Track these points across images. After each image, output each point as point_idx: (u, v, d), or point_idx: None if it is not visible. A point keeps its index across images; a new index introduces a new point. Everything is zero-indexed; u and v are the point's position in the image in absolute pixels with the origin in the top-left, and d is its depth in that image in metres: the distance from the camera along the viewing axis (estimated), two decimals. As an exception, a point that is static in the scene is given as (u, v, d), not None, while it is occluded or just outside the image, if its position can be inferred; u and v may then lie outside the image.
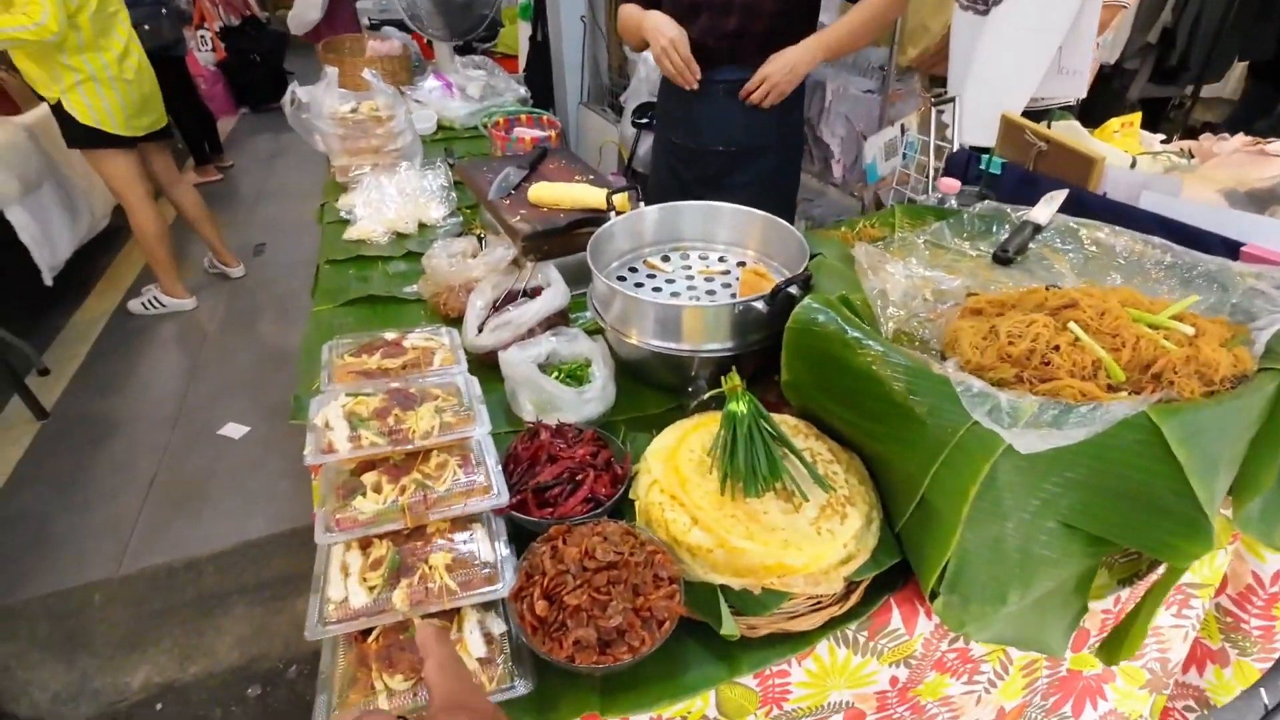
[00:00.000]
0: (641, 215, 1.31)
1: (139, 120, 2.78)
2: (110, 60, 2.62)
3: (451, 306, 1.37)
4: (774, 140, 1.67)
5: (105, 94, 2.62)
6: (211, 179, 4.87)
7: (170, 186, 3.16)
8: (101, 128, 2.64)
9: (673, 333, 1.07)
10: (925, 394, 0.77)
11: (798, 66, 1.56)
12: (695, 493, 0.84)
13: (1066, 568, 0.80)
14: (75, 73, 2.55)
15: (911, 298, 1.01)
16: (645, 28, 1.59)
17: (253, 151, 5.35)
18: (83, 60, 2.54)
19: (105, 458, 2.43)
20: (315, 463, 0.78)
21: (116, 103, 2.65)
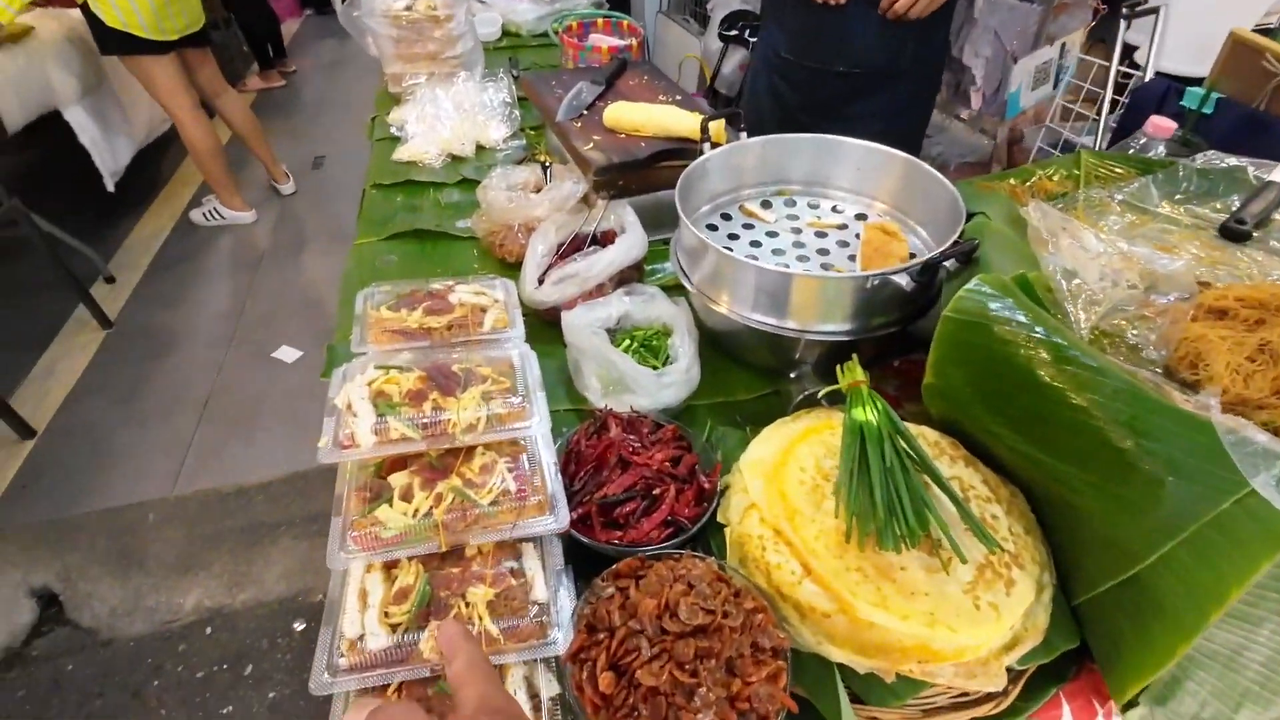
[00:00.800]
0: (742, 149, 1.06)
1: (170, 22, 2.54)
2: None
3: (509, 249, 1.17)
4: (910, 63, 1.35)
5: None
6: (274, 85, 4.72)
7: (216, 97, 2.99)
8: (130, 31, 2.43)
9: (777, 306, 0.85)
10: (1162, 438, 0.54)
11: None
12: (807, 530, 0.65)
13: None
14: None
15: (1113, 281, 0.75)
16: None
17: (316, 57, 5.15)
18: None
19: (164, 373, 2.42)
20: (330, 460, 0.62)
21: (145, 2, 2.44)
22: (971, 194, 0.93)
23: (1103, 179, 0.93)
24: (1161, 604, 0.54)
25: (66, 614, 1.77)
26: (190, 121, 2.76)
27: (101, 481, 2.03)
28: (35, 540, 1.88)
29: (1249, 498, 0.49)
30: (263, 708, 1.57)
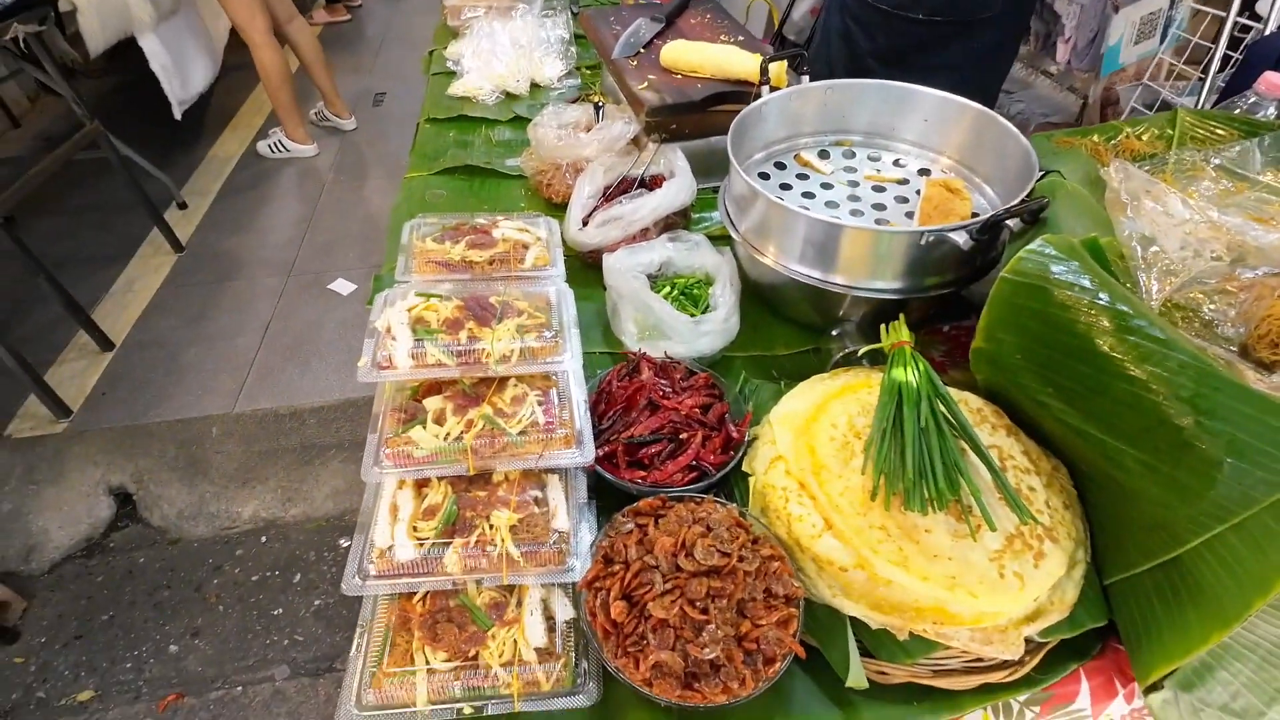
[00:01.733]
0: (803, 94, 1.01)
1: None
2: None
3: (556, 189, 1.16)
4: (999, 8, 1.25)
5: None
6: (340, 19, 4.74)
7: (287, 23, 3.02)
8: None
9: (826, 259, 0.82)
10: (1226, 418, 0.51)
11: None
12: (833, 485, 0.64)
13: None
14: None
15: (1193, 252, 0.69)
16: None
17: (383, -7, 5.13)
18: None
19: (230, 296, 2.54)
20: (369, 379, 0.64)
21: None
22: (1049, 150, 0.87)
23: (1200, 141, 0.85)
24: (1202, 589, 0.52)
25: (139, 513, 1.92)
26: (265, 45, 2.82)
27: (171, 393, 2.17)
28: (113, 444, 2.04)
29: (1317, 487, 0.46)
30: (309, 612, 1.69)
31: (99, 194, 2.94)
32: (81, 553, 1.82)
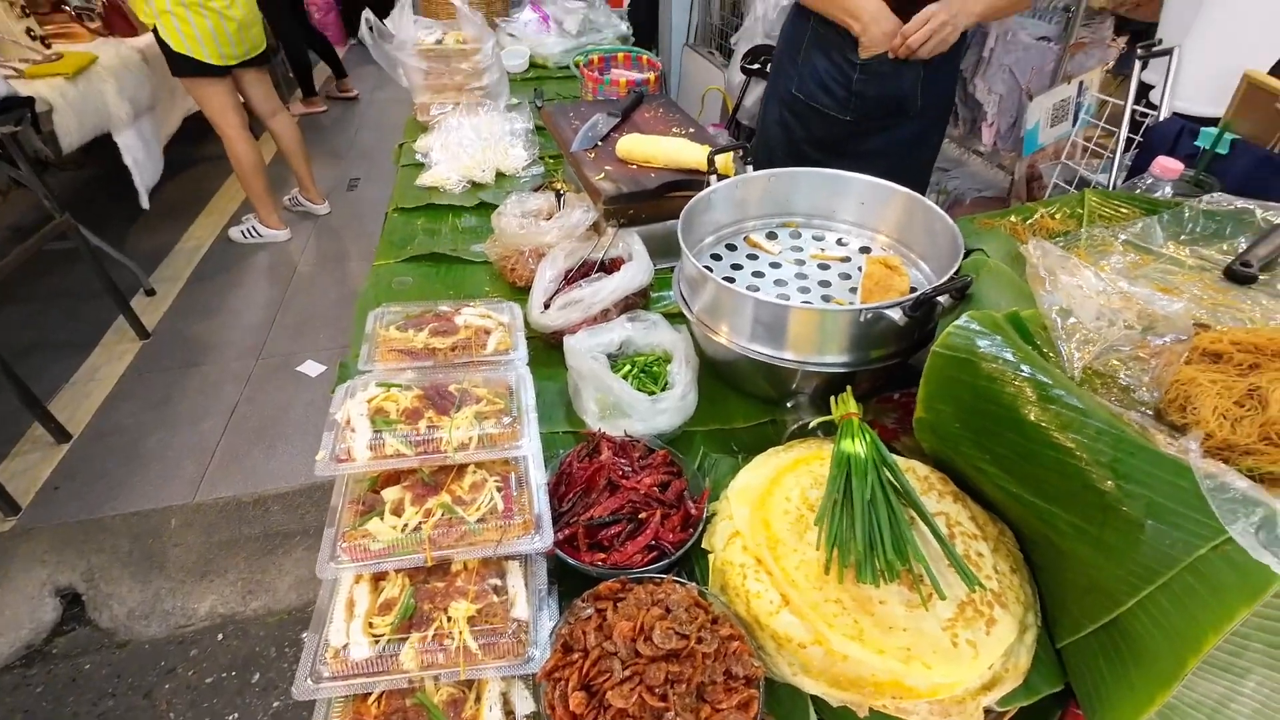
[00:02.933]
0: (747, 182, 1.09)
1: (231, 49, 2.70)
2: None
3: (519, 273, 1.20)
4: (919, 103, 1.37)
5: (195, 20, 2.56)
6: (316, 110, 4.94)
7: (269, 116, 3.15)
8: (193, 55, 2.60)
9: (775, 337, 0.86)
10: (1142, 481, 0.54)
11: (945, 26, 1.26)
12: (789, 560, 0.65)
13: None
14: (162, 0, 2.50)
15: (1108, 322, 0.74)
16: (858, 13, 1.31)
17: (360, 82, 5.36)
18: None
19: (195, 381, 2.51)
20: (327, 474, 0.65)
21: (207, 30, 2.59)
22: (972, 230, 0.94)
23: (1106, 219, 0.93)
24: (1141, 649, 0.54)
25: (87, 614, 1.82)
26: (237, 139, 2.91)
27: (130, 484, 2.10)
28: (63, 541, 1.95)
29: (1227, 545, 0.49)
30: (267, 716, 1.60)
31: (68, 282, 2.94)
32: (21, 661, 1.71)
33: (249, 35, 2.77)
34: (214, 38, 2.61)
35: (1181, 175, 1.01)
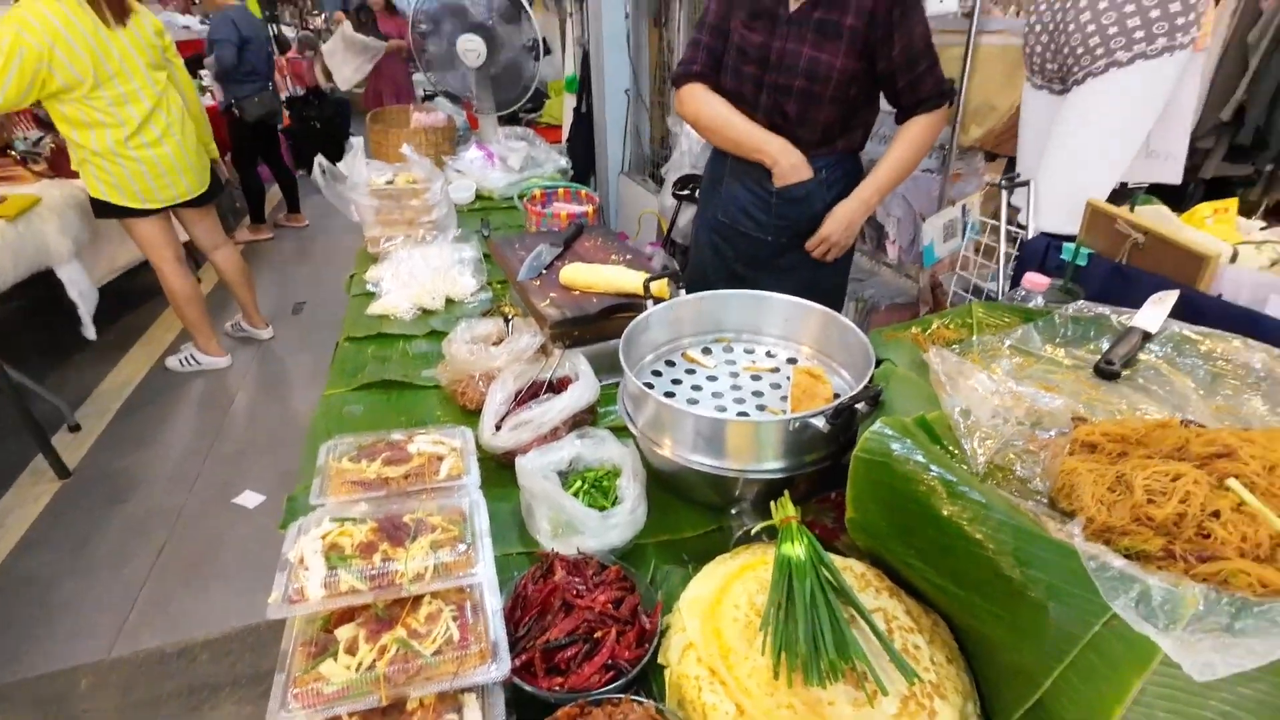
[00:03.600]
0: (681, 305, 1.19)
1: (166, 191, 2.69)
2: (118, 138, 2.50)
3: (470, 398, 1.25)
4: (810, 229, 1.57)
5: (113, 169, 2.53)
6: (262, 238, 5.04)
7: (211, 250, 3.14)
8: (109, 201, 2.58)
9: (715, 448, 0.93)
10: (1042, 566, 0.61)
11: (854, 222, 1.53)
12: (741, 668, 0.68)
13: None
14: (79, 149, 2.51)
15: (1002, 419, 0.84)
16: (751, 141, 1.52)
17: (306, 211, 5.52)
18: (89, 137, 2.47)
19: (120, 519, 2.36)
20: (279, 615, 0.65)
21: (124, 176, 2.56)
22: (881, 341, 1.05)
23: (993, 326, 1.06)
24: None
25: (-29, 804, 1.60)
26: (171, 273, 2.89)
27: (37, 641, 1.91)
28: (-50, 715, 1.73)
29: (1114, 620, 0.55)
30: None
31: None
32: None
33: (185, 179, 2.76)
34: (137, 181, 2.61)
35: (1051, 285, 1.17)
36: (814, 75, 1.43)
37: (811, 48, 1.42)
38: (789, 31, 1.44)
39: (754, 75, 1.49)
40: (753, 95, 1.51)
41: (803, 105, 1.47)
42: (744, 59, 1.50)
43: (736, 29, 1.49)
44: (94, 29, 2.37)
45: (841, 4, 1.39)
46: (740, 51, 1.50)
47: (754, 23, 1.47)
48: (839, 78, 1.43)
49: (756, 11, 1.47)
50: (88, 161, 2.55)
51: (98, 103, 2.45)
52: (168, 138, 2.66)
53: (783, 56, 1.45)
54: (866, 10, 1.38)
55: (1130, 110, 1.28)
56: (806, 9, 1.42)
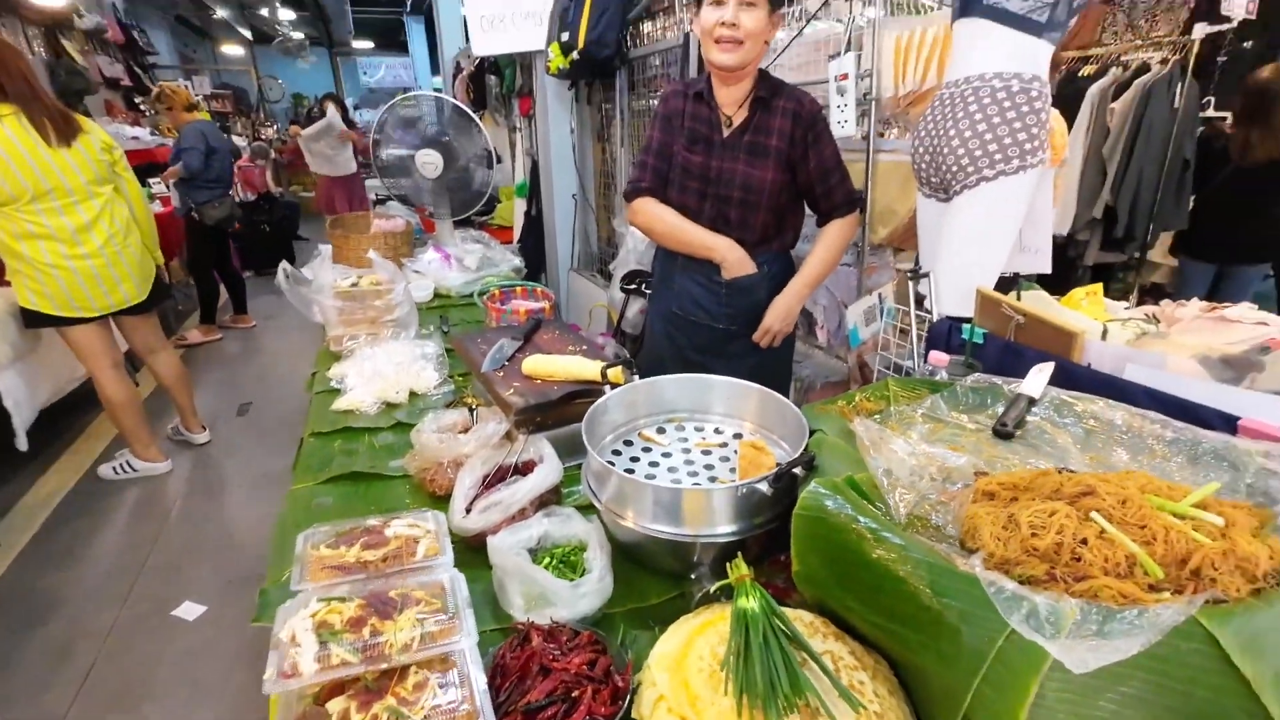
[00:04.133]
0: (635, 389, 1.31)
1: (102, 300, 2.66)
2: (53, 249, 2.49)
3: (439, 484, 1.31)
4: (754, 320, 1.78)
5: (46, 280, 2.51)
6: (212, 339, 5.00)
7: (149, 354, 3.08)
8: (41, 311, 2.55)
9: (673, 516, 1.02)
10: (954, 596, 0.72)
11: (792, 310, 1.76)
12: (708, 713, 0.75)
13: (1140, 804, 0.69)
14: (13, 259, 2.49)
15: (918, 476, 0.98)
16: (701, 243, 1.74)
17: (254, 313, 5.50)
18: (23, 247, 2.46)
19: (39, 644, 2.19)
20: (275, 691, 0.68)
21: (58, 287, 2.53)
22: (812, 415, 1.19)
23: (906, 398, 1.22)
24: (985, 738, 0.67)
25: None
26: (107, 380, 2.81)
27: (-66, 791, 1.72)
28: None
29: (1013, 634, 0.66)
30: None
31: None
32: None
33: (124, 287, 2.73)
34: (67, 294, 2.57)
35: (953, 360, 1.36)
36: (749, 188, 1.69)
37: (745, 165, 1.68)
38: (724, 153, 1.69)
39: (697, 189, 1.74)
40: (697, 205, 1.75)
41: (741, 212, 1.71)
42: (688, 176, 1.74)
43: (679, 152, 1.74)
44: (34, 148, 2.39)
45: (766, 130, 1.67)
46: (684, 170, 1.74)
47: (694, 147, 1.72)
48: (770, 188, 1.68)
49: (695, 138, 1.72)
50: (20, 272, 2.51)
51: (33, 216, 2.44)
52: (108, 247, 2.63)
53: (721, 173, 1.70)
54: (786, 134, 1.66)
55: (1000, 215, 1.54)
56: (737, 135, 1.69)
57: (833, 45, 2.03)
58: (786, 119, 1.65)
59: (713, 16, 1.54)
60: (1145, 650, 0.63)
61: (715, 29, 1.54)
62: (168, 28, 11.00)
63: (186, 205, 4.48)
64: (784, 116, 1.66)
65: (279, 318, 5.57)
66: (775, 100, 1.66)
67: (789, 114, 1.65)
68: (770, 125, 1.66)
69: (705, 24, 1.57)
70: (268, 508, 2.81)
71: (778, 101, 1.66)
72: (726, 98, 1.69)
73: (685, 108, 1.74)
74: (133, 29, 8.85)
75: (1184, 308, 1.62)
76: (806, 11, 2.15)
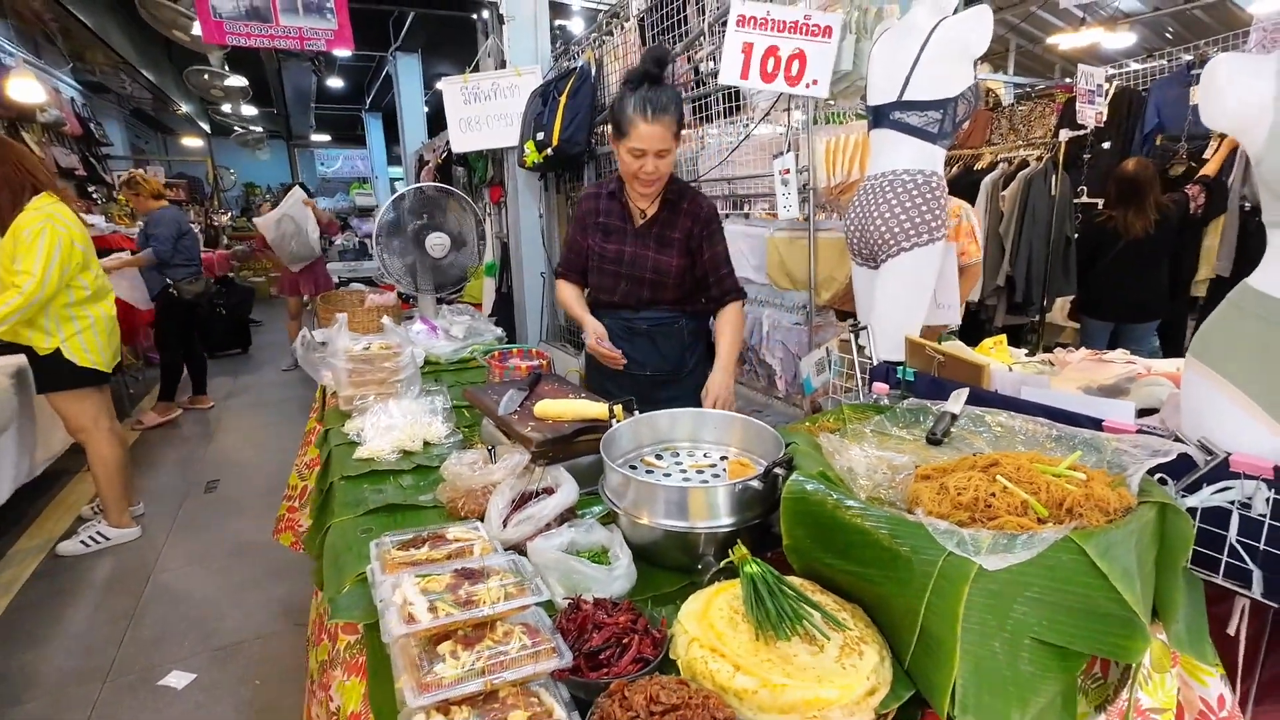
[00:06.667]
0: (638, 421, 1.57)
1: (115, 359, 3.05)
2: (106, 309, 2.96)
3: (470, 510, 1.50)
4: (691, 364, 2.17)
5: (101, 338, 2.90)
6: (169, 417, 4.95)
7: None
8: (98, 368, 2.89)
9: (681, 512, 1.26)
10: (906, 537, 0.98)
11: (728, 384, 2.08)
12: (732, 643, 0.97)
13: (1051, 683, 0.94)
14: (78, 321, 2.82)
15: (874, 471, 1.26)
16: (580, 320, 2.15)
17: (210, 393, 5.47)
18: (87, 310, 2.85)
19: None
20: (401, 633, 0.87)
21: (105, 344, 2.95)
22: (785, 434, 1.46)
23: (857, 419, 1.52)
24: (937, 636, 0.92)
25: None
26: (104, 439, 3.01)
27: None
28: None
29: (950, 556, 0.92)
30: None
31: None
32: None
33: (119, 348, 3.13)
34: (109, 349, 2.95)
35: (890, 392, 1.67)
36: (659, 270, 2.08)
37: (654, 252, 2.07)
38: (636, 242, 2.09)
39: (613, 271, 2.12)
40: (613, 285, 2.13)
41: (654, 290, 2.10)
42: (604, 261, 2.13)
43: (597, 242, 2.13)
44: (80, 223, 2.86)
45: (670, 224, 2.07)
46: (601, 257, 2.13)
47: (609, 237, 2.12)
48: (677, 270, 2.07)
49: (609, 230, 2.12)
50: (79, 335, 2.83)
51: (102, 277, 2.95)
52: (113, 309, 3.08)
53: (635, 258, 2.09)
54: (686, 229, 2.06)
55: (918, 278, 1.92)
56: (647, 227, 2.08)
57: (775, 146, 2.47)
58: (688, 218, 2.04)
59: (634, 163, 1.93)
60: (1036, 562, 0.91)
61: (638, 172, 1.94)
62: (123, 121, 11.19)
63: (163, 282, 4.61)
64: (686, 216, 2.04)
65: (238, 397, 5.56)
66: (681, 202, 2.08)
67: (690, 214, 2.04)
68: (675, 221, 2.06)
69: (628, 165, 1.95)
70: (249, 573, 2.82)
71: (683, 204, 2.05)
72: (639, 196, 2.07)
73: (599, 206, 2.15)
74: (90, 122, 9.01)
75: (1073, 353, 2.02)
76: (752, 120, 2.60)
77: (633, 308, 2.13)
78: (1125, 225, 3.66)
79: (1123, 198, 3.69)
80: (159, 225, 4.58)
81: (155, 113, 11.37)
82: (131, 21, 6.72)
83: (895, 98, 1.90)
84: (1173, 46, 5.65)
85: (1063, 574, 0.92)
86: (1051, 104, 4.86)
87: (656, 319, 2.13)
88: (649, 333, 2.15)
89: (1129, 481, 1.09)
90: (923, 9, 1.88)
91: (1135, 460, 1.16)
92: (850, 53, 2.05)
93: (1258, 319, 1.14)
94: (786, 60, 2.04)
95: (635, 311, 2.13)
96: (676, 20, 2.82)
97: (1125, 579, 0.92)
